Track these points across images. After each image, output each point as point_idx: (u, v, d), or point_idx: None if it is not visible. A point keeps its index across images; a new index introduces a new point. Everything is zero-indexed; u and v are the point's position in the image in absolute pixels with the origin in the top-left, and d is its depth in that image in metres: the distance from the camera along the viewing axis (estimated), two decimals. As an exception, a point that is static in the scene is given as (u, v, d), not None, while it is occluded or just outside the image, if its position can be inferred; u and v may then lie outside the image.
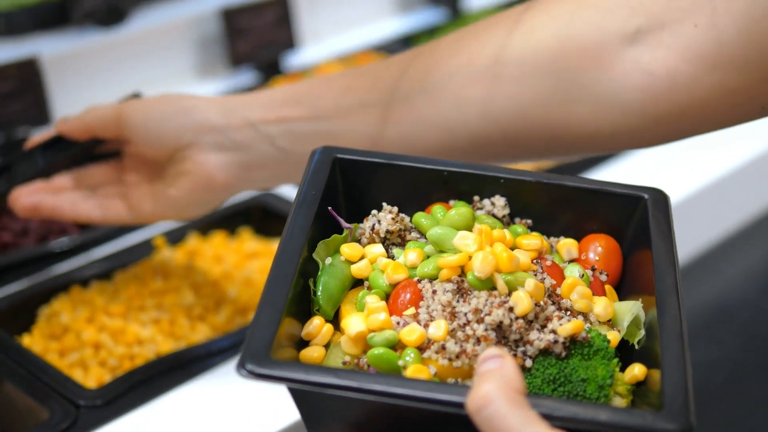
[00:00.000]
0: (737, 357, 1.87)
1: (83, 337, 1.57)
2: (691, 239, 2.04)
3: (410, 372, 0.89)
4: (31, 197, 1.50)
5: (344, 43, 2.63)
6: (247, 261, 1.78)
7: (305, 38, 2.58)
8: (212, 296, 1.67)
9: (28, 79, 2.07)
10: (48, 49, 2.20)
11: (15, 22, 2.25)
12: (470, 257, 0.94)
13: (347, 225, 1.03)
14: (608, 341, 0.93)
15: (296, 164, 1.36)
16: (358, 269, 0.98)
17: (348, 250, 0.99)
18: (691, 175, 2.05)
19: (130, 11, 2.32)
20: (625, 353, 0.96)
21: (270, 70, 2.42)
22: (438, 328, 0.90)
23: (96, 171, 1.54)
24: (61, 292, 1.68)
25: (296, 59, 2.51)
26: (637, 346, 0.96)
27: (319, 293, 0.96)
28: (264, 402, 1.45)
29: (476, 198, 1.08)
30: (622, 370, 0.94)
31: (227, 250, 1.81)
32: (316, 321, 0.95)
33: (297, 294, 0.94)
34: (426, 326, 0.91)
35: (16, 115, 2.05)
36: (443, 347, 0.90)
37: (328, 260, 0.99)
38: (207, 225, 1.87)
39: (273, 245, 1.83)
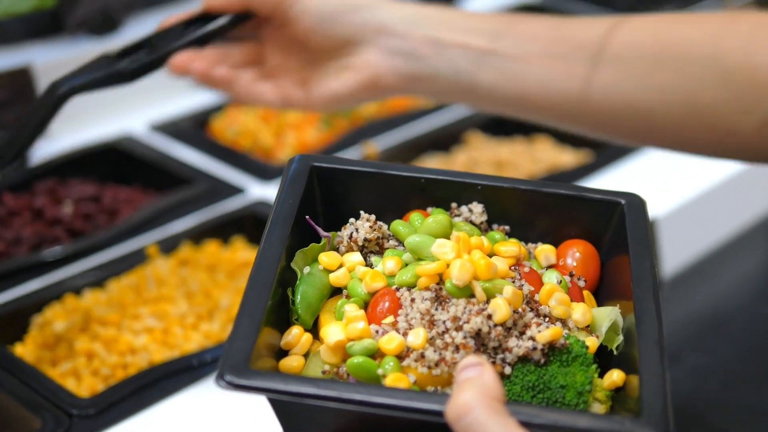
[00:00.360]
0: (731, 365, 1.87)
1: (76, 346, 1.56)
2: (684, 248, 2.04)
3: (389, 381, 0.88)
4: (184, 58, 1.44)
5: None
6: (240, 270, 1.78)
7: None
8: (205, 305, 1.67)
9: (21, 87, 2.07)
10: (41, 57, 2.19)
11: (8, 30, 2.25)
12: (448, 265, 0.94)
13: (325, 234, 1.02)
14: (587, 347, 0.93)
15: (466, 87, 1.40)
16: (336, 278, 0.98)
17: (326, 258, 0.99)
18: (685, 184, 2.05)
19: (124, 20, 2.31)
20: (604, 359, 0.96)
21: (263, 78, 2.40)
22: (417, 337, 0.90)
23: (237, 50, 1.49)
24: (54, 301, 1.68)
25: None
26: (615, 352, 0.96)
27: (297, 302, 0.96)
28: (258, 411, 1.44)
29: (454, 205, 1.07)
30: (601, 375, 0.94)
31: (220, 258, 1.81)
32: (295, 330, 0.94)
33: (275, 303, 0.93)
34: (405, 334, 0.91)
35: (8, 124, 2.05)
36: (422, 355, 0.89)
37: (306, 269, 0.98)
38: (200, 234, 1.87)
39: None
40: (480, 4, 2.95)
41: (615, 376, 0.92)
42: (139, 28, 2.36)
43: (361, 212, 1.04)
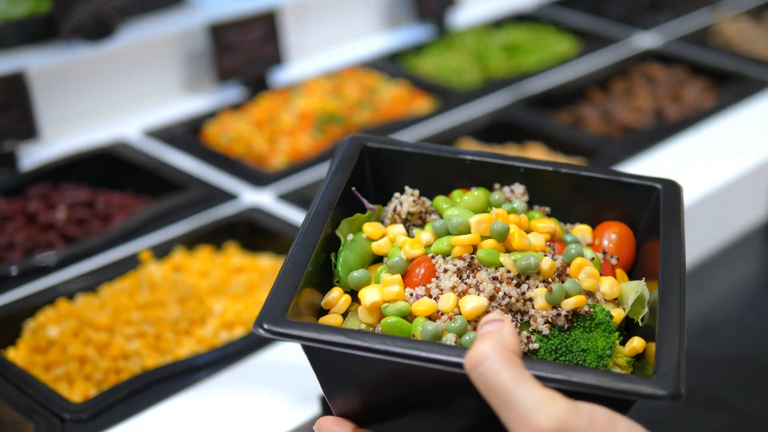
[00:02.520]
0: (721, 376, 1.88)
1: (69, 351, 1.57)
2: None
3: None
4: None
5: (331, 59, 2.64)
6: (233, 276, 1.79)
7: (293, 54, 2.59)
8: (198, 310, 1.67)
9: (15, 93, 2.08)
10: (36, 63, 2.20)
11: (2, 35, 2.25)
12: (482, 237, 1.00)
13: (370, 206, 1.09)
14: (611, 316, 0.97)
15: None
16: (378, 246, 1.04)
17: (370, 228, 1.05)
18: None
19: (119, 26, 2.32)
20: (633, 332, 1.00)
21: (257, 85, 2.42)
22: (447, 301, 0.96)
23: None
24: (47, 306, 1.69)
25: (283, 75, 2.51)
26: (641, 323, 0.99)
27: (339, 266, 1.02)
28: (248, 416, 1.45)
29: (497, 185, 1.12)
30: (625, 344, 0.97)
31: (213, 264, 1.81)
32: (335, 292, 1.01)
33: (319, 266, 1.00)
34: (437, 299, 0.97)
35: (3, 129, 2.06)
36: (451, 318, 0.94)
37: (350, 237, 1.04)
38: (193, 239, 1.88)
39: (259, 260, 1.84)
40: (474, 10, 2.96)
41: (635, 342, 0.96)
42: (134, 35, 2.37)
43: (406, 187, 1.10)
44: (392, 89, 2.45)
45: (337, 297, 1.00)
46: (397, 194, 1.10)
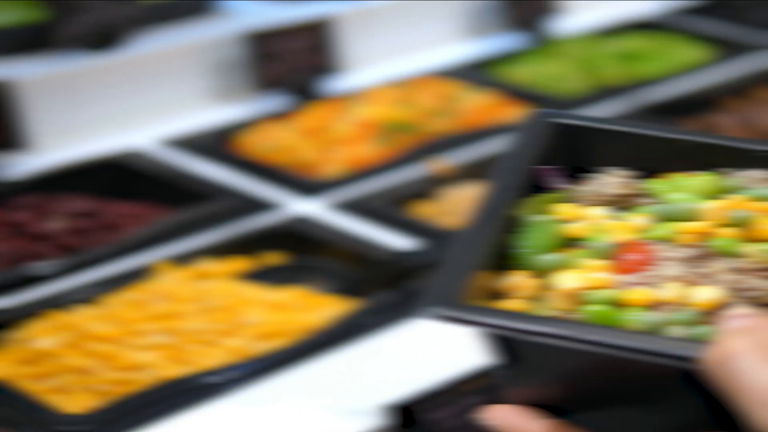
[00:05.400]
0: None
1: (64, 362, 1.63)
2: None
3: None
4: None
5: (399, 67, 2.71)
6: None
7: (351, 62, 2.67)
8: (228, 321, 1.73)
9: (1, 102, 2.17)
10: (23, 73, 2.30)
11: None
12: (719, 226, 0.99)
13: (562, 185, 1.09)
14: None
15: None
16: (575, 229, 1.04)
17: (564, 209, 1.05)
18: None
19: (129, 35, 2.42)
20: None
21: (303, 94, 2.51)
22: (671, 290, 0.93)
23: None
24: (40, 317, 1.75)
25: (337, 84, 2.60)
26: None
27: (525, 248, 1.02)
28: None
29: (723, 171, 1.08)
30: None
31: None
32: (520, 275, 1.00)
33: (497, 246, 1.00)
34: (653, 288, 0.95)
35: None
36: (676, 310, 0.93)
37: (537, 217, 1.05)
38: (219, 251, 1.96)
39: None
40: (579, 18, 3.00)
41: None
42: (145, 45, 2.47)
43: (610, 168, 1.09)
44: (476, 97, 2.53)
45: (520, 281, 1.00)
46: (601, 175, 1.09)
